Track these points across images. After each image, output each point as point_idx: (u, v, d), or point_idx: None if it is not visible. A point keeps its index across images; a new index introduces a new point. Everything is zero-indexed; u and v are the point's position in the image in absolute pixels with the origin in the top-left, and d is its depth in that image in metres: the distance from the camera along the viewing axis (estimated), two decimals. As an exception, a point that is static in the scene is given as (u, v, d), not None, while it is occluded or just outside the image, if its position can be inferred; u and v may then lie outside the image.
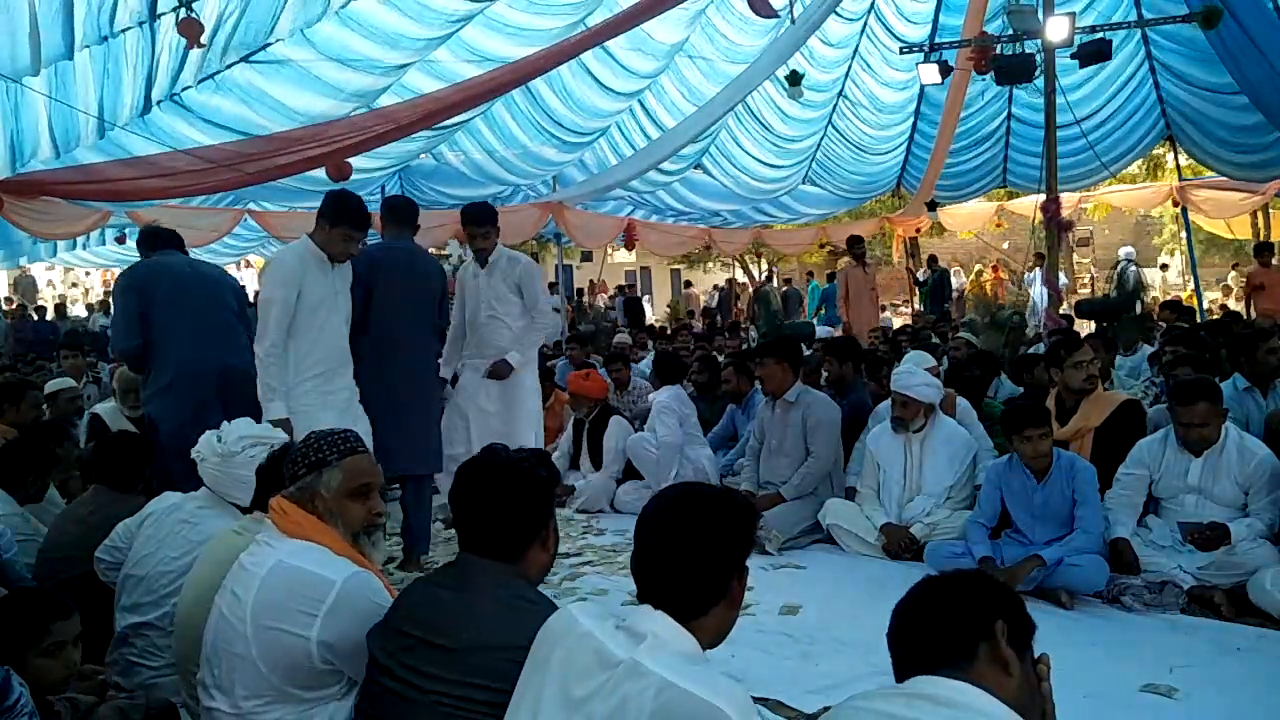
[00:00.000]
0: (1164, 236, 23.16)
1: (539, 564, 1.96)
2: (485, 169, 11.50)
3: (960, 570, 1.63)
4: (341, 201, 4.00)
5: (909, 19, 11.41)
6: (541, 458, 2.04)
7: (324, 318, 3.96)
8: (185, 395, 4.17)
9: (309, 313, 3.90)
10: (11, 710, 1.88)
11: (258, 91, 8.10)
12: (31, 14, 5.46)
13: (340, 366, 4.07)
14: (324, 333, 3.97)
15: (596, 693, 1.52)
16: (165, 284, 4.32)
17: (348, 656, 2.03)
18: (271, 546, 2.14)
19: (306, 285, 3.88)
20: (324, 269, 3.97)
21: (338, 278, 4.04)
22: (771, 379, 4.98)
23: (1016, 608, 1.49)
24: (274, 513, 2.18)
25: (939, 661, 1.42)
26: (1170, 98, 11.60)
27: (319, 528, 2.17)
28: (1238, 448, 3.84)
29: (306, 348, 3.92)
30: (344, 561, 2.11)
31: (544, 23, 8.88)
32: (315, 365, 3.94)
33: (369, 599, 2.06)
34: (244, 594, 2.07)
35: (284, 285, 3.84)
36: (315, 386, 3.94)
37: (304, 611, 2.01)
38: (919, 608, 1.51)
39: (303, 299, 3.88)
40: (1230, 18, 7.16)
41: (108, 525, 3.10)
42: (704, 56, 10.91)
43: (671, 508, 1.67)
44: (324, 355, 3.97)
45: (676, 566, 1.60)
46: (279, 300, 3.82)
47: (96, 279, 24.48)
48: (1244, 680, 3.02)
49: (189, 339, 4.24)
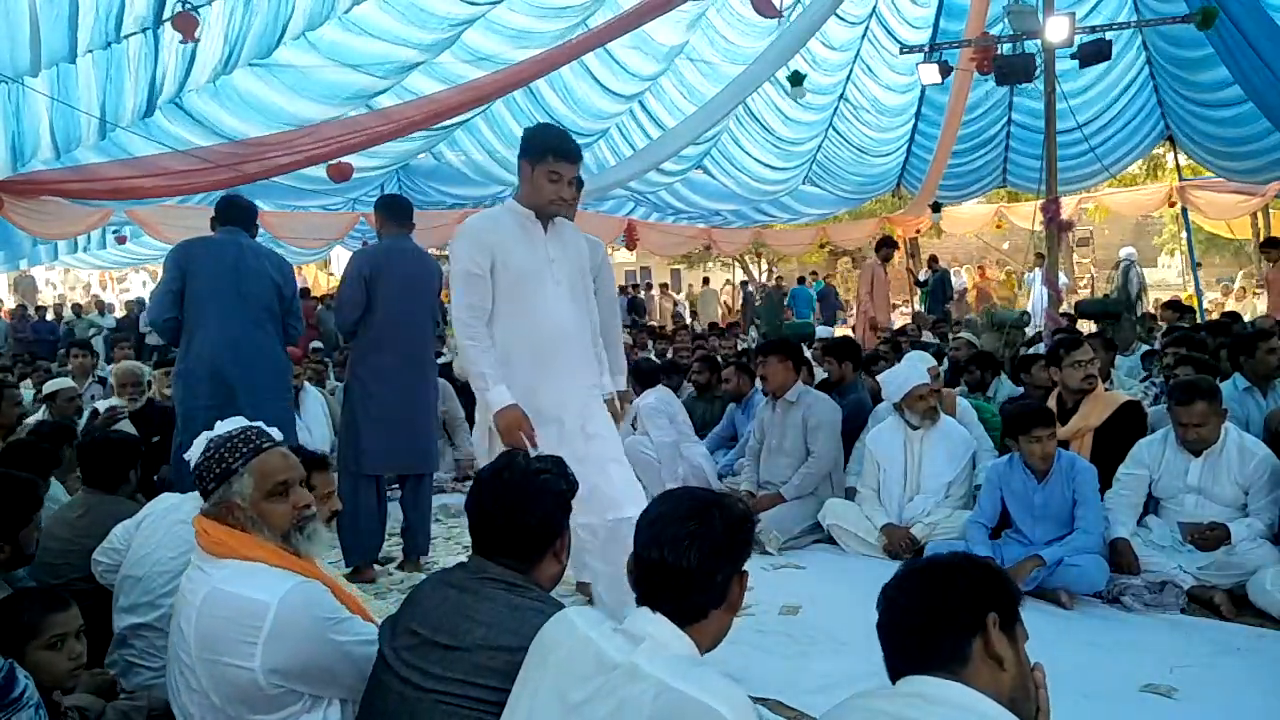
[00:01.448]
0: (1164, 236, 23.17)
1: (550, 574, 1.95)
2: (485, 169, 11.51)
3: (946, 556, 1.61)
4: (540, 132, 3.28)
5: (910, 23, 11.43)
6: (561, 467, 2.01)
7: (533, 290, 3.21)
8: (198, 383, 4.11)
9: (512, 286, 3.19)
10: (16, 703, 1.87)
11: (257, 97, 8.11)
12: (32, 15, 5.46)
13: (560, 350, 3.26)
14: (536, 309, 3.21)
15: (594, 696, 1.52)
16: (206, 264, 4.18)
17: (299, 676, 1.95)
18: (204, 572, 2.02)
19: (505, 253, 3.18)
20: (530, 231, 3.22)
21: (553, 242, 3.26)
22: (774, 377, 4.99)
23: (1002, 588, 1.48)
24: (197, 534, 2.07)
25: (932, 662, 1.41)
26: (1170, 100, 11.60)
27: (246, 541, 2.04)
28: (1238, 448, 3.84)
29: (512, 328, 3.22)
30: (279, 576, 1.99)
31: (545, 26, 8.89)
32: (524, 350, 3.21)
33: (311, 614, 1.96)
34: (186, 628, 1.97)
35: (468, 256, 3.16)
36: (528, 376, 3.20)
37: (243, 640, 1.90)
38: (909, 600, 1.49)
39: (503, 270, 3.19)
40: (1226, 19, 7.17)
41: (97, 527, 3.09)
42: (705, 59, 10.92)
43: (671, 512, 1.66)
44: (536, 336, 3.22)
45: (677, 573, 1.60)
46: (461, 275, 3.19)
47: (95, 279, 24.48)
48: (1244, 680, 3.01)
49: (214, 327, 4.13)
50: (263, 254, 4.38)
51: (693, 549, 1.59)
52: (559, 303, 3.24)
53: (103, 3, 5.90)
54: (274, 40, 7.39)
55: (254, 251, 4.31)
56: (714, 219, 15.71)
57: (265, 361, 4.22)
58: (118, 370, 5.40)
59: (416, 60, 8.50)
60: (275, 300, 4.29)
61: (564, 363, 3.26)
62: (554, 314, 3.24)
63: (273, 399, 4.13)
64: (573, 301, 3.30)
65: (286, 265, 4.48)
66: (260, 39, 7.27)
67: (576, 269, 3.33)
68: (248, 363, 4.14)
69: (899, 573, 1.55)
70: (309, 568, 2.10)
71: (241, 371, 4.11)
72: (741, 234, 16.84)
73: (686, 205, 14.36)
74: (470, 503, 1.96)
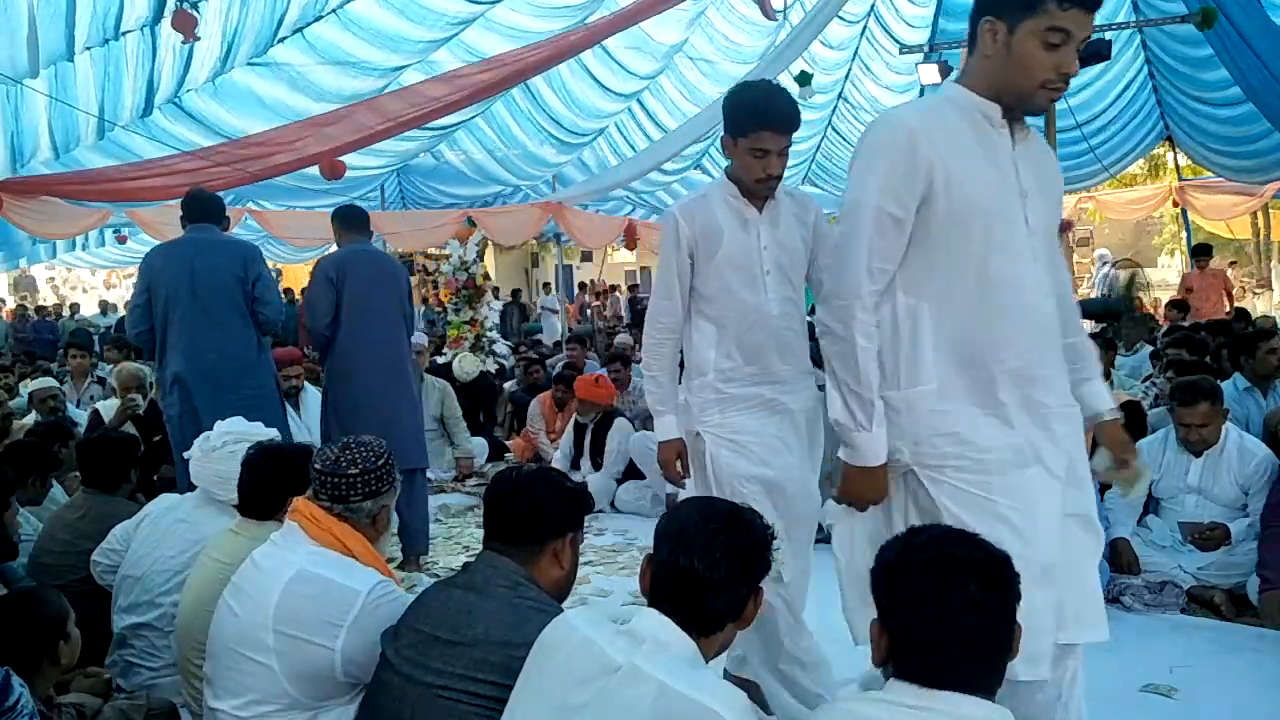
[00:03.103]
0: (1164, 236, 23.18)
1: (552, 577, 1.96)
2: (485, 168, 11.52)
3: None
4: (738, 97, 2.60)
5: (908, 22, 11.42)
6: (584, 491, 2.10)
7: (744, 282, 2.62)
8: (180, 393, 4.09)
9: (720, 275, 2.62)
10: (11, 711, 1.87)
11: (256, 95, 8.11)
12: (30, 15, 5.46)
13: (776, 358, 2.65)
14: (748, 308, 2.62)
15: (595, 699, 1.52)
16: (165, 270, 4.13)
17: (367, 666, 2.02)
18: (288, 549, 2.12)
19: (712, 238, 2.61)
20: (741, 212, 2.64)
21: (766, 226, 2.64)
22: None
23: None
24: (304, 520, 2.15)
25: None
26: (1169, 99, 11.60)
27: (351, 535, 2.17)
28: (1238, 448, 3.84)
29: (717, 330, 2.65)
30: (367, 570, 2.11)
31: (544, 25, 8.89)
32: (731, 355, 2.63)
33: (391, 609, 2.04)
34: (263, 599, 2.05)
35: (667, 245, 2.67)
36: (743, 387, 2.63)
37: (330, 622, 2.01)
38: None
39: (705, 260, 2.62)
40: (1225, 19, 7.16)
41: (97, 528, 3.09)
42: (704, 57, 10.92)
43: (702, 522, 1.64)
44: (747, 340, 2.63)
45: (705, 583, 1.58)
46: (661, 267, 2.70)
47: (98, 279, 24.47)
48: (1244, 680, 3.02)
49: (175, 333, 4.09)
50: (221, 246, 4.25)
51: (724, 561, 1.59)
52: (767, 297, 2.62)
53: (100, 0, 5.90)
54: (270, 37, 7.38)
55: (212, 246, 4.18)
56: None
57: (226, 362, 4.11)
58: (120, 373, 5.40)
59: (408, 63, 8.51)
60: (238, 292, 4.14)
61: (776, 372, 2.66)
62: (761, 310, 2.62)
63: (235, 399, 3.91)
64: (782, 295, 2.65)
65: (249, 252, 4.30)
66: (258, 36, 7.27)
67: (788, 254, 2.67)
68: (208, 368, 4.07)
69: None
70: (387, 568, 2.24)
71: (198, 377, 4.07)
72: (741, 234, 16.87)
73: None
74: (487, 494, 2.04)
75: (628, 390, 6.74)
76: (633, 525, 5.20)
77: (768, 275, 2.63)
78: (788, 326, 2.67)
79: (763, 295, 2.63)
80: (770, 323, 2.63)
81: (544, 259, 24.36)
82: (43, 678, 2.17)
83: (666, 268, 2.67)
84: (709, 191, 2.71)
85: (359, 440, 2.27)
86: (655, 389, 2.72)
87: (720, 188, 2.67)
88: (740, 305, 2.62)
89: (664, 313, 2.70)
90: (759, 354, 2.63)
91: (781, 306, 2.65)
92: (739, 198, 2.64)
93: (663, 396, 2.70)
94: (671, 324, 2.69)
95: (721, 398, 2.63)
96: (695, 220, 2.64)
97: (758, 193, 2.62)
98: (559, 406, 6.66)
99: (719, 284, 2.63)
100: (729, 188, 2.65)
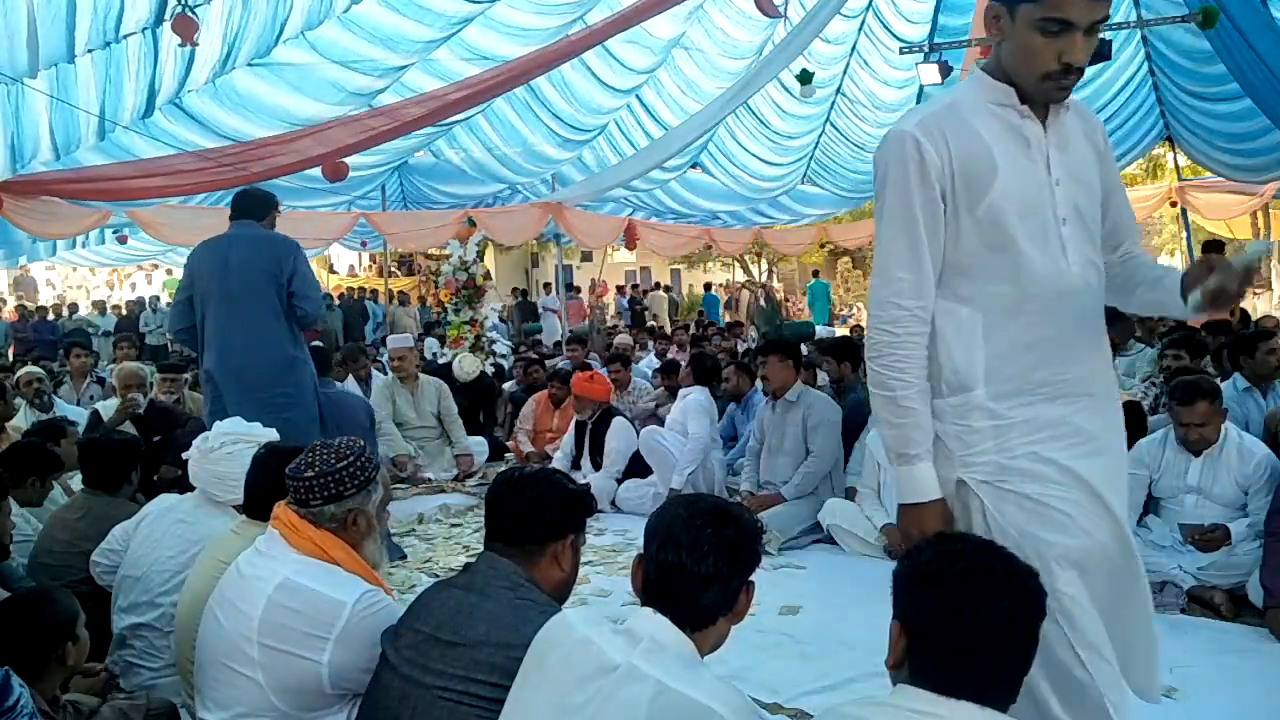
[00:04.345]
0: (1164, 236, 23.16)
1: (552, 579, 1.96)
2: (485, 166, 11.52)
3: None
4: None
5: (907, 18, 11.40)
6: (587, 493, 2.10)
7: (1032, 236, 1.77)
8: (211, 390, 4.07)
9: (994, 227, 1.76)
10: (11, 711, 1.87)
11: (257, 96, 8.11)
12: (30, 15, 5.46)
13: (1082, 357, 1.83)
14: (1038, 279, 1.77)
15: (593, 698, 1.52)
16: (202, 267, 4.07)
17: (357, 678, 1.99)
18: (273, 558, 2.08)
19: (979, 170, 1.74)
20: (1019, 129, 1.78)
21: (1055, 150, 1.79)
22: (775, 377, 5.00)
23: None
24: (283, 527, 2.11)
25: None
26: (1169, 98, 11.60)
27: (332, 542, 2.11)
28: (1237, 448, 3.83)
29: (984, 319, 1.79)
30: (354, 580, 2.06)
31: (543, 22, 8.89)
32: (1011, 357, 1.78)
33: (378, 619, 2.01)
34: (248, 609, 2.01)
35: (902, 183, 1.76)
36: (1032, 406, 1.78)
37: (316, 635, 1.97)
38: None
39: (968, 206, 1.76)
40: (1226, 19, 7.17)
41: (97, 528, 3.08)
42: (700, 49, 10.89)
43: (690, 517, 1.65)
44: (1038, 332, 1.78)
45: (695, 577, 1.60)
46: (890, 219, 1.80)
47: (99, 278, 24.44)
48: (1244, 680, 3.01)
49: (210, 330, 4.05)
50: (256, 243, 4.10)
51: (711, 554, 1.60)
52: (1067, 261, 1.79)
53: (100, 2, 5.90)
54: (272, 39, 7.39)
55: (247, 243, 4.07)
56: (714, 222, 15.72)
57: (256, 362, 4.01)
58: (121, 372, 5.40)
59: (409, 62, 8.52)
60: (270, 288, 4.00)
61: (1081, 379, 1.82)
62: (1060, 280, 1.78)
63: (262, 399, 3.88)
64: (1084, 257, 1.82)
65: (285, 247, 4.10)
66: (259, 38, 7.28)
67: (1085, 193, 1.83)
68: (236, 367, 4.02)
69: None
70: (374, 575, 2.17)
71: (227, 375, 4.03)
72: (742, 234, 16.88)
73: (686, 208, 14.37)
74: (490, 494, 2.03)
75: (628, 390, 6.74)
76: (633, 525, 5.20)
77: (1064, 226, 1.78)
78: (1094, 306, 1.85)
79: (1060, 257, 1.78)
80: (1071, 301, 1.79)
81: (544, 259, 24.39)
82: (48, 679, 2.17)
83: (904, 217, 1.76)
84: (958, 98, 1.81)
85: (327, 442, 2.19)
86: (898, 417, 1.78)
87: (977, 88, 1.80)
88: (1026, 274, 1.75)
89: (908, 291, 1.77)
90: (1056, 353, 1.78)
91: (1084, 274, 1.81)
92: (1014, 105, 1.77)
93: (914, 425, 1.77)
94: (921, 308, 1.78)
95: (999, 425, 1.77)
96: (948, 141, 1.74)
97: (1046, 97, 1.75)
98: (555, 404, 6.67)
99: (988, 241, 1.76)
100: (995, 89, 1.77)
